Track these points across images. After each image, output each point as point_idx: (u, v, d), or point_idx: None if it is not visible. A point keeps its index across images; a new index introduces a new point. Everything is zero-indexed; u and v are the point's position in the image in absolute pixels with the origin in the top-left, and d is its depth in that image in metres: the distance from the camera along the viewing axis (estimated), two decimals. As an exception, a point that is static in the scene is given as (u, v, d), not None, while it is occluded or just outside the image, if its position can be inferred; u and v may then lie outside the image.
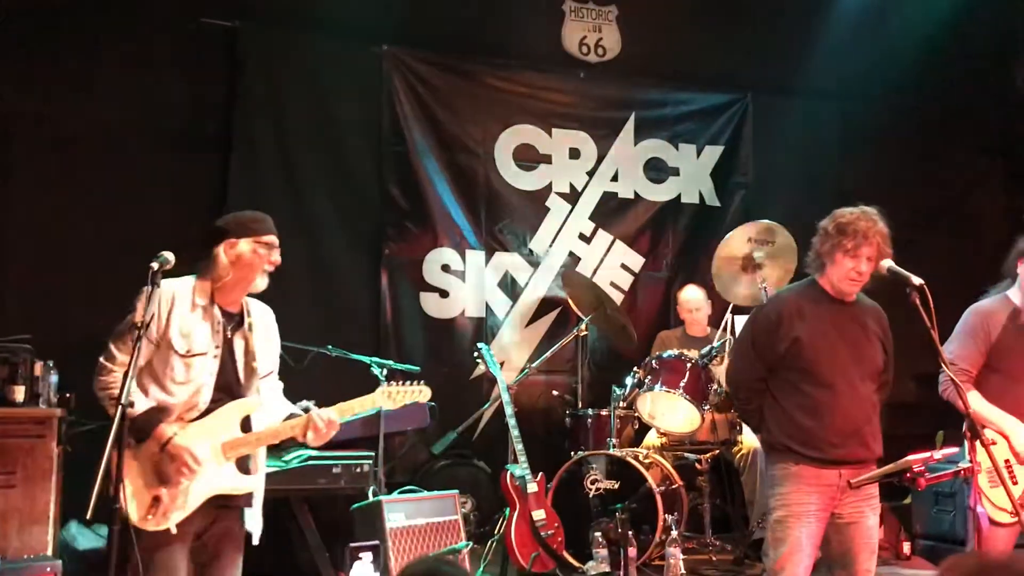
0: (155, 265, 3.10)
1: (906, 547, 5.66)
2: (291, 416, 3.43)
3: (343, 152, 6.47)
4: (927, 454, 3.46)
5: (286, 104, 6.32)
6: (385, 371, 5.33)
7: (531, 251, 6.89)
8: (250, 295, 3.41)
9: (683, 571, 4.96)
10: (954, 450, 3.72)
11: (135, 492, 3.11)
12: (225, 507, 3.28)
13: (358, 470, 5.03)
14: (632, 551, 4.90)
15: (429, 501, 4.97)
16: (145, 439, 3.15)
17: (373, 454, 5.12)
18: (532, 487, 5.10)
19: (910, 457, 3.48)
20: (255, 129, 6.23)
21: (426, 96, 6.66)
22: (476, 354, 5.82)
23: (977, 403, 3.74)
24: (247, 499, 3.34)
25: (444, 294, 6.66)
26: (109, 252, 5.55)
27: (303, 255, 6.01)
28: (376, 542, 4.44)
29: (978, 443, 3.33)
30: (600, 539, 4.95)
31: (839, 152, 7.45)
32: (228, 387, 3.31)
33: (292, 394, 3.57)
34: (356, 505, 4.83)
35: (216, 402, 3.26)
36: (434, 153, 6.65)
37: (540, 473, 5.24)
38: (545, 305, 6.87)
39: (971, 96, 7.61)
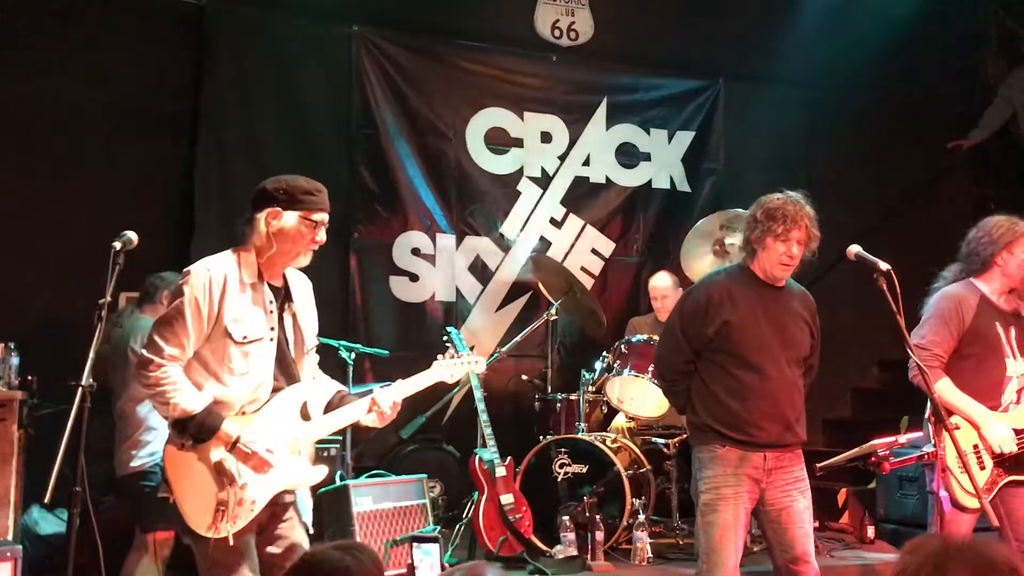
0: (117, 245, 3.03)
1: (870, 531, 5.70)
2: (338, 393, 3.23)
3: (312, 134, 6.40)
4: (892, 438, 3.50)
5: (254, 85, 6.25)
6: (353, 355, 5.31)
7: (502, 235, 6.87)
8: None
9: (650, 555, 4.99)
10: (918, 435, 3.76)
11: (198, 499, 2.86)
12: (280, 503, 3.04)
13: (326, 454, 5.01)
14: (599, 535, 4.92)
15: (397, 485, 4.96)
16: (205, 439, 2.88)
17: (341, 438, 5.10)
18: (501, 471, 5.09)
19: (875, 441, 3.51)
20: (222, 110, 6.15)
21: (397, 78, 6.60)
22: (445, 338, 5.77)
23: (948, 390, 3.73)
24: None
25: (414, 278, 6.62)
26: (71, 233, 5.47)
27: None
28: (437, 534, 4.46)
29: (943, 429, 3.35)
30: (568, 523, 4.96)
31: (809, 139, 7.49)
32: (287, 371, 3.07)
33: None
34: (323, 489, 4.79)
35: (276, 390, 3.02)
36: (405, 136, 6.60)
37: (509, 457, 5.24)
38: (515, 289, 6.86)
39: (938, 85, 7.70)
